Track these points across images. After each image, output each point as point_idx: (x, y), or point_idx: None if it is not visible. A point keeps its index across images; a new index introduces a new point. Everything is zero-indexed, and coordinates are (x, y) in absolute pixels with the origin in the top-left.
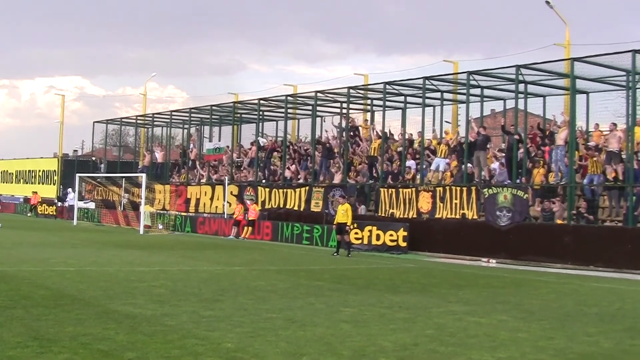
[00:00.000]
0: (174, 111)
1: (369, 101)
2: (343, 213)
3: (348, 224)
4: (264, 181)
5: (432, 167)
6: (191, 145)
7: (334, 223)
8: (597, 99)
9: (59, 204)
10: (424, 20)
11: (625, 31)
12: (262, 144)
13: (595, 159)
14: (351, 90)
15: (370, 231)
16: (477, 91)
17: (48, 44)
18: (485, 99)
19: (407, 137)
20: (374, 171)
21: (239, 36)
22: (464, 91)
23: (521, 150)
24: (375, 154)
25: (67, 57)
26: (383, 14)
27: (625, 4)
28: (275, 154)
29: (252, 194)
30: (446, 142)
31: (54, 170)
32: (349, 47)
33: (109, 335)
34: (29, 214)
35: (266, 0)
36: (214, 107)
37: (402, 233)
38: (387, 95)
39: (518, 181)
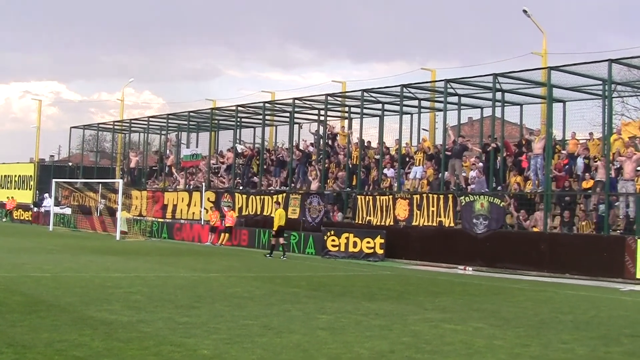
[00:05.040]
0: (152, 117)
1: (346, 108)
2: (280, 217)
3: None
4: (241, 188)
5: (411, 176)
6: (168, 152)
7: (274, 228)
8: (573, 108)
9: (35, 209)
10: (399, 28)
11: (601, 41)
12: (239, 151)
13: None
14: (329, 98)
15: (347, 238)
16: (455, 99)
17: (23, 49)
18: (462, 107)
19: (384, 144)
20: (354, 179)
21: (214, 42)
22: (442, 99)
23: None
24: (356, 162)
25: (42, 61)
26: (358, 21)
27: (602, 14)
28: (255, 166)
29: (229, 200)
30: (422, 150)
31: (30, 176)
32: (324, 53)
33: (84, 341)
34: (4, 219)
35: (241, 6)
36: (191, 113)
37: (379, 240)
38: (364, 103)
39: (499, 188)
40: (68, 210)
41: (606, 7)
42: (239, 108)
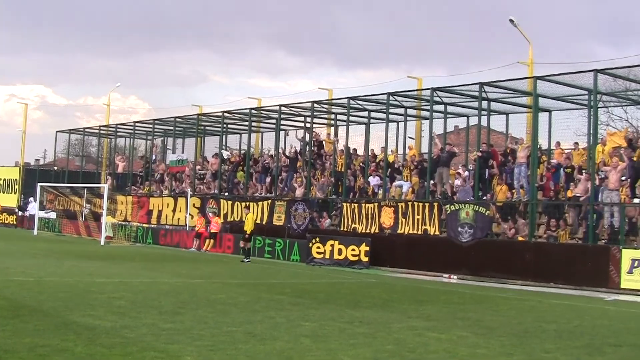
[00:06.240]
0: (138, 122)
1: (333, 116)
2: (252, 222)
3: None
4: (226, 194)
5: (395, 183)
6: (154, 157)
7: (248, 233)
8: (559, 118)
9: (20, 213)
10: (386, 36)
11: (587, 51)
12: (225, 157)
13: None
14: (315, 105)
15: (332, 246)
16: (441, 107)
17: (9, 52)
18: (448, 115)
19: (370, 152)
20: (339, 186)
21: (200, 48)
22: (428, 107)
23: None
24: (341, 170)
25: (28, 65)
26: (345, 29)
27: (589, 25)
28: (241, 172)
29: (214, 206)
30: (410, 161)
31: (15, 179)
32: (310, 61)
33: (67, 346)
34: None
35: (228, 13)
36: (177, 119)
37: (364, 248)
38: (351, 110)
39: (485, 198)
40: (53, 215)
41: (593, 18)
42: (225, 114)
